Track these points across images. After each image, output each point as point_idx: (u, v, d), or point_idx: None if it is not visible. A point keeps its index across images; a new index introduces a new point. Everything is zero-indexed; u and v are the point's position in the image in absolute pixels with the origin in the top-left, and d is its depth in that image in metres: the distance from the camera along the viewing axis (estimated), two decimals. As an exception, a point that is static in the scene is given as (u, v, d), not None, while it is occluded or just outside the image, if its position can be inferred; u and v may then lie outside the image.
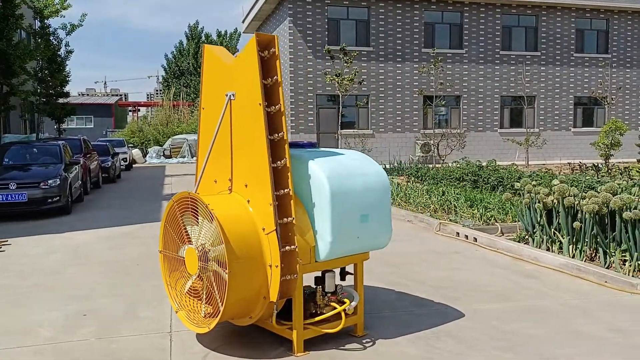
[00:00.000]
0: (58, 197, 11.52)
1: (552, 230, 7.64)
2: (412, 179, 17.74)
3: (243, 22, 31.37)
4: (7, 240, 8.73)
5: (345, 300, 4.35)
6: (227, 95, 4.30)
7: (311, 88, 24.46)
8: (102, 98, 56.28)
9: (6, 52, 16.50)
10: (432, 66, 22.29)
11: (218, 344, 4.33)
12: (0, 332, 4.64)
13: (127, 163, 27.25)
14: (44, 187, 11.32)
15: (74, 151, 15.58)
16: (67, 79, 25.93)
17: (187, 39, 53.54)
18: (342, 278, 4.72)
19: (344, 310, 4.29)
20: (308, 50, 24.34)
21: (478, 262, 7.22)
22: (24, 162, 12.66)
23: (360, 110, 25.18)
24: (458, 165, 18.92)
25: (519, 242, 8.15)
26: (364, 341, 4.42)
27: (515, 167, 16.59)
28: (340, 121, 21.44)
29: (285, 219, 3.99)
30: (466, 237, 8.79)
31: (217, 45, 36.39)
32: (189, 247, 4.15)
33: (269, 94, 4.08)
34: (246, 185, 4.21)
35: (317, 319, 4.23)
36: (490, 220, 9.75)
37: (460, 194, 11.95)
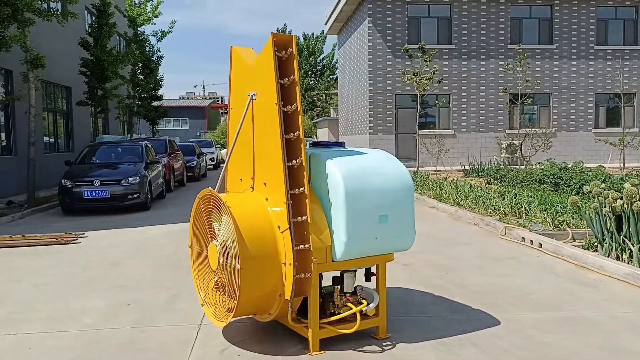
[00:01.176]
0: (137, 194, 12.27)
1: (622, 237, 7.07)
2: (491, 180, 17.11)
3: (326, 24, 31.69)
4: (84, 233, 9.43)
5: (363, 301, 4.31)
6: (249, 95, 4.39)
7: (390, 88, 24.24)
8: (197, 101, 59.06)
9: (100, 58, 17.80)
10: (518, 63, 21.31)
11: (240, 338, 4.44)
12: (49, 317, 5.04)
13: (214, 162, 28.46)
14: (124, 184, 12.11)
15: (159, 151, 16.52)
16: (160, 83, 27.49)
17: (276, 42, 54.78)
18: (367, 279, 4.67)
19: (361, 311, 4.25)
20: (387, 50, 24.15)
21: (535, 268, 6.84)
22: (109, 161, 13.60)
23: (441, 110, 24.60)
24: (542, 167, 17.99)
25: (587, 249, 7.63)
26: (383, 344, 4.34)
27: (603, 169, 15.48)
28: (418, 121, 21.06)
29: (299, 218, 4.01)
30: (531, 242, 8.35)
31: (304, 47, 37.51)
32: (212, 243, 4.29)
33: (286, 94, 4.12)
34: (265, 184, 4.29)
35: (332, 318, 4.22)
36: (562, 225, 9.20)
37: (533, 197, 11.35)
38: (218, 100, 77.39)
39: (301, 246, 4.01)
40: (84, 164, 13.33)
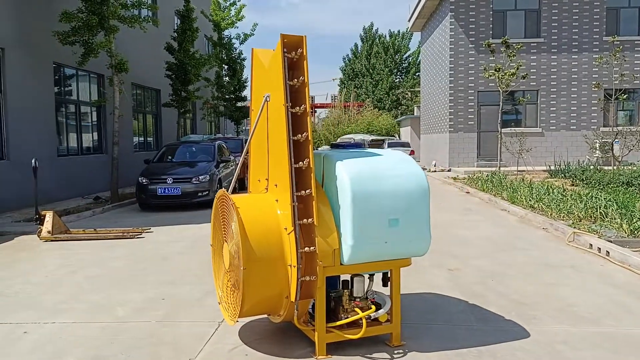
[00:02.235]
0: (207, 192, 12.76)
1: (697, 247, 6.38)
2: (577, 182, 16.03)
3: (409, 20, 31.18)
4: (150, 228, 9.95)
5: (372, 306, 4.20)
6: (264, 96, 4.43)
7: (472, 85, 23.42)
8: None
9: (183, 62, 18.67)
10: (613, 56, 19.77)
11: (252, 338, 4.49)
12: (89, 308, 5.37)
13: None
14: (195, 182, 12.64)
15: (236, 150, 17.07)
16: (245, 84, 28.36)
17: (362, 41, 54.80)
18: (384, 284, 4.54)
19: (369, 317, 4.16)
20: (470, 45, 23.34)
21: (592, 278, 6.34)
22: (184, 159, 14.24)
23: (527, 107, 23.41)
24: (634, 168, 16.62)
25: (660, 259, 6.95)
26: (395, 352, 4.21)
27: None
28: (500, 119, 20.15)
29: (305, 220, 3.98)
30: (598, 249, 7.75)
31: (390, 45, 37.12)
32: (226, 243, 4.37)
33: (295, 95, 4.11)
34: (276, 185, 4.30)
35: (338, 323, 4.15)
36: (638, 232, 8.45)
37: (612, 201, 10.50)
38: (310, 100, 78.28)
39: (307, 249, 3.98)
40: (161, 163, 14.07)
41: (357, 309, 4.16)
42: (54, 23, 13.58)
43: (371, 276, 4.51)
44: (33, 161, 10.03)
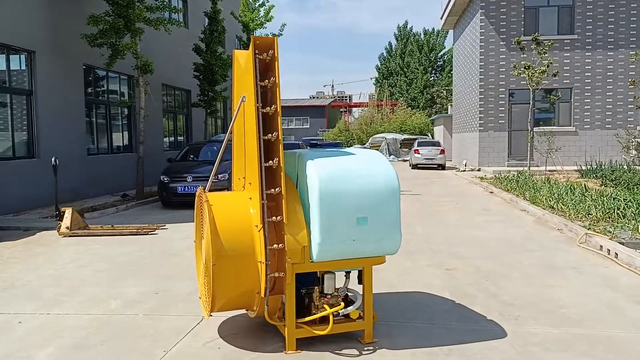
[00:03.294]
0: (226, 190, 12.98)
1: None
2: (607, 182, 15.57)
3: (441, 18, 30.83)
4: (165, 225, 10.23)
5: (342, 303, 4.26)
6: (241, 97, 4.53)
7: (503, 83, 22.99)
8: (318, 100, 60.58)
9: (210, 62, 19.03)
10: (649, 52, 19.06)
11: (229, 332, 4.61)
12: (85, 300, 5.60)
13: (324, 160, 28.95)
14: (214, 180, 12.86)
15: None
16: (274, 83, 28.61)
17: (396, 39, 54.47)
18: (360, 282, 4.58)
19: (339, 313, 4.23)
20: (501, 43, 22.93)
21: (593, 281, 6.21)
22: (206, 158, 14.53)
23: (561, 106, 22.83)
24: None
25: (671, 262, 6.74)
26: (364, 348, 4.25)
27: None
28: (531, 117, 19.71)
29: (274, 218, 4.07)
30: (608, 251, 7.57)
31: (424, 43, 36.79)
32: (203, 239, 4.50)
33: (267, 95, 4.20)
34: (250, 184, 4.41)
35: (306, 319, 4.23)
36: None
37: (631, 201, 10.19)
38: (345, 99, 78.44)
39: (275, 245, 4.07)
40: (183, 161, 14.40)
41: (326, 306, 4.22)
42: (83, 26, 14.07)
43: (347, 274, 4.57)
44: (53, 159, 10.45)
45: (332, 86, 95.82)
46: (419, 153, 26.95)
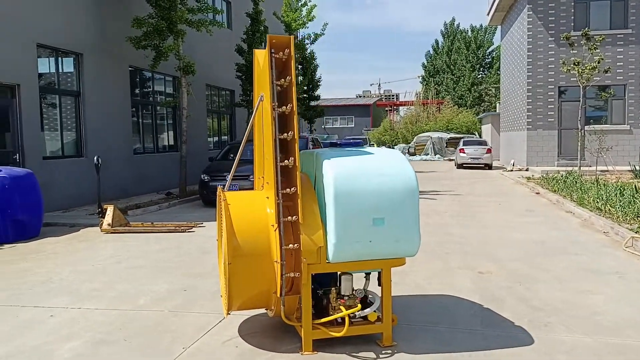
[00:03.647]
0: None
1: None
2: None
3: (488, 14, 30.11)
4: (202, 223, 10.39)
5: (358, 305, 4.20)
6: (259, 96, 4.54)
7: (552, 80, 22.24)
8: (363, 99, 60.34)
9: (252, 63, 19.20)
10: None
11: (249, 331, 4.62)
12: (116, 296, 5.74)
13: (367, 160, 28.80)
14: (251, 179, 12.97)
15: (301, 149, 17.37)
16: (318, 83, 28.67)
17: (443, 36, 53.59)
18: (379, 283, 4.50)
19: (355, 315, 4.17)
20: (549, 39, 22.18)
21: (632, 287, 5.91)
22: (246, 157, 14.66)
23: (614, 103, 21.89)
24: None
25: None
26: (382, 352, 4.18)
27: None
28: (581, 115, 18.97)
29: (290, 218, 4.05)
30: (655, 256, 7.19)
31: (471, 39, 36.16)
32: (222, 238, 4.52)
33: (282, 95, 4.18)
34: (267, 183, 4.40)
35: (322, 320, 4.18)
36: None
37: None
38: (392, 98, 77.78)
39: (290, 245, 4.05)
40: (223, 160, 14.60)
41: (342, 307, 4.17)
42: (128, 29, 14.48)
43: (367, 275, 4.51)
44: (95, 159, 10.77)
45: (379, 85, 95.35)
46: (464, 152, 26.43)
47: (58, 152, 13.44)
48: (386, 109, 53.85)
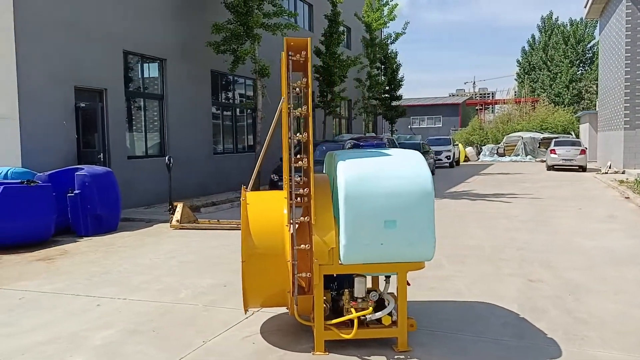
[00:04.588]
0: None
1: None
2: None
3: (585, 6, 28.29)
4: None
5: (370, 308, 4.14)
6: (282, 98, 4.60)
7: (656, 75, 20.51)
8: (451, 98, 58.67)
9: (328, 64, 19.41)
10: None
11: (269, 329, 4.71)
12: (160, 289, 6.06)
13: (450, 161, 28.13)
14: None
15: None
16: (400, 83, 28.40)
17: (539, 31, 50.93)
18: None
19: (366, 317, 4.13)
20: (651, 31, 20.47)
21: (700, 303, 5.35)
22: (316, 158, 14.83)
23: None
24: None
25: None
26: (395, 357, 4.10)
27: None
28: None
29: (302, 218, 4.09)
30: None
31: (570, 34, 34.66)
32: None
33: (297, 97, 4.22)
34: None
35: (333, 321, 4.17)
36: None
37: None
38: (488, 96, 75.21)
39: (302, 246, 4.09)
40: (294, 161, 14.87)
41: (352, 309, 4.14)
42: (208, 34, 15.15)
43: (387, 278, 4.44)
44: (166, 159, 11.34)
45: (474, 83, 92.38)
46: (555, 153, 25.04)
47: (142, 152, 14.33)
48: (476, 107, 52.11)
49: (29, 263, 7.58)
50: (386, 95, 27.60)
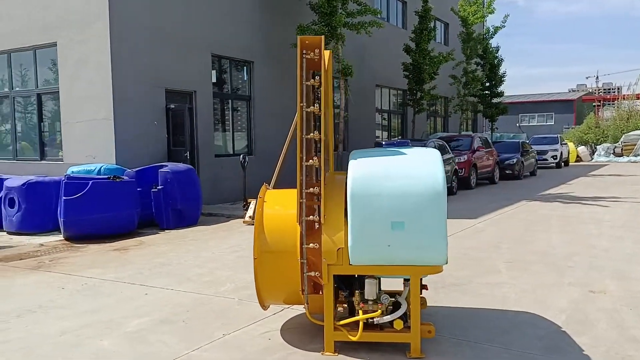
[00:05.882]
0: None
1: None
2: None
3: None
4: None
5: (379, 310, 4.02)
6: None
7: None
8: (564, 94, 54.69)
9: (418, 61, 19.01)
10: None
11: (290, 326, 4.74)
12: (208, 281, 6.30)
13: (556, 160, 26.45)
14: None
15: (462, 149, 16.90)
16: (502, 79, 27.11)
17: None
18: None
19: (373, 320, 4.02)
20: None
21: None
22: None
23: None
24: None
25: None
26: (404, 363, 3.96)
27: None
28: None
29: (311, 217, 4.07)
30: None
31: None
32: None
33: (310, 94, 4.20)
34: (303, 183, 4.45)
35: (340, 323, 4.10)
36: None
37: None
38: (613, 91, 69.59)
39: (311, 245, 4.07)
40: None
41: (360, 311, 4.05)
42: (293, 36, 15.46)
43: (406, 281, 4.28)
44: (241, 157, 11.74)
45: (597, 77, 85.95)
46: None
47: (229, 150, 14.96)
48: (593, 104, 48.30)
49: (105, 252, 8.22)
50: (486, 92, 26.47)
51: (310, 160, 4.12)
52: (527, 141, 25.17)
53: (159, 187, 10.57)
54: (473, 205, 12.77)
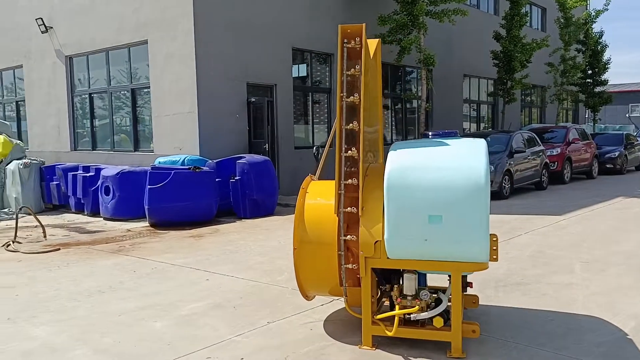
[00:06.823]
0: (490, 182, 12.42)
1: None
2: None
3: None
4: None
5: (417, 306, 3.89)
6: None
7: None
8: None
9: (508, 49, 18.10)
10: None
11: (331, 318, 4.72)
12: (266, 270, 6.41)
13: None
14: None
15: (556, 141, 15.99)
16: (606, 67, 25.23)
17: None
18: (463, 289, 4.09)
19: (410, 316, 3.90)
20: None
21: None
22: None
23: None
24: None
25: None
26: (442, 361, 3.81)
27: None
28: None
29: (349, 209, 4.02)
30: None
31: None
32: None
33: (352, 85, 4.13)
34: (348, 174, 4.39)
35: (377, 317, 4.02)
36: None
37: None
38: None
39: (349, 237, 4.02)
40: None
41: (397, 306, 3.94)
42: (375, 27, 15.31)
43: (450, 277, 4.12)
44: (314, 149, 11.80)
45: None
46: None
47: (308, 143, 15.12)
48: None
49: (181, 239, 8.63)
50: (588, 80, 24.74)
51: (350, 151, 4.07)
52: (634, 133, 23.24)
53: (237, 177, 10.91)
54: (562, 201, 12.02)
